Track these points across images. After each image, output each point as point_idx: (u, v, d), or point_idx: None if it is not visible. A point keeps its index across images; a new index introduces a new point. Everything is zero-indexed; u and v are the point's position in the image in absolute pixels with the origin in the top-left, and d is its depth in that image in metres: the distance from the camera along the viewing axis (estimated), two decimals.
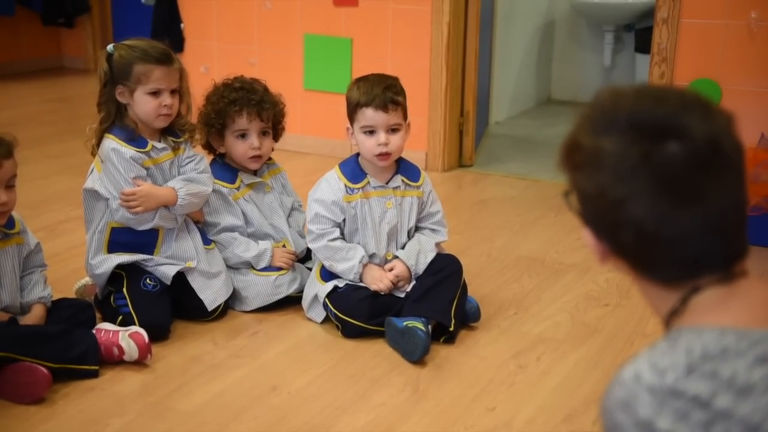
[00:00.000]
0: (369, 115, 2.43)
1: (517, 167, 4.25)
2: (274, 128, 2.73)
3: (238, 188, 2.67)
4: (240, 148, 2.65)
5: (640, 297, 2.87)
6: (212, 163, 2.68)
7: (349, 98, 2.48)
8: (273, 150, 2.75)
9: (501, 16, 4.92)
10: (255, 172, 2.72)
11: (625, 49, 5.64)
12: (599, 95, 1.06)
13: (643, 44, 4.90)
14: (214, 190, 2.60)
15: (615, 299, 2.74)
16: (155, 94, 2.41)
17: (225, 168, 2.69)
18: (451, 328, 2.39)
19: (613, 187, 1.00)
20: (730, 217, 1.00)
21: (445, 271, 2.47)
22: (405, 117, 2.49)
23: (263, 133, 2.67)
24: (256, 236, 2.67)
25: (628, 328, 2.55)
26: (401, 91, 2.48)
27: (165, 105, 2.42)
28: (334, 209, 2.47)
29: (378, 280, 2.46)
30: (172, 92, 2.44)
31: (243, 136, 2.64)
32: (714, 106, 1.01)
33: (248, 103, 2.62)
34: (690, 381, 0.92)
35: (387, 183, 2.51)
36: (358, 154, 2.52)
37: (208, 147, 2.71)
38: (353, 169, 2.50)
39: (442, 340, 2.40)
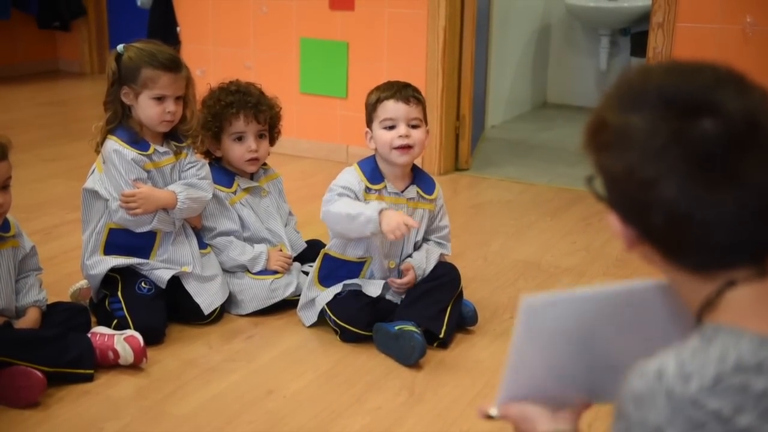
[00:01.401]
0: (390, 107, 2.40)
1: (513, 171, 4.25)
2: (271, 132, 2.73)
3: (234, 192, 2.67)
4: (237, 151, 2.64)
5: None
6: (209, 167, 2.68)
7: (368, 101, 2.46)
8: (269, 154, 2.75)
9: (497, 20, 4.93)
10: (252, 177, 2.72)
11: (620, 53, 5.65)
12: (626, 73, 1.01)
13: (639, 48, 4.91)
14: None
15: None
16: (160, 99, 2.41)
17: (222, 172, 2.68)
18: (441, 335, 2.38)
19: (643, 166, 0.94)
20: (767, 199, 0.93)
21: (442, 279, 2.46)
22: (425, 119, 2.48)
23: (260, 136, 2.67)
24: (253, 240, 2.67)
25: None
26: (421, 94, 2.48)
27: (168, 111, 2.42)
28: (353, 195, 2.40)
29: (396, 229, 2.27)
30: (177, 99, 2.44)
31: (240, 139, 2.64)
32: (749, 81, 0.96)
33: (245, 105, 2.63)
34: (714, 395, 0.87)
35: (402, 192, 2.49)
36: (375, 157, 2.49)
37: (205, 151, 2.70)
38: (372, 170, 2.47)
39: (435, 344, 2.40)
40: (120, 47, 2.44)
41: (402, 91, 2.42)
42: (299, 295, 2.59)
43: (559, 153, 4.58)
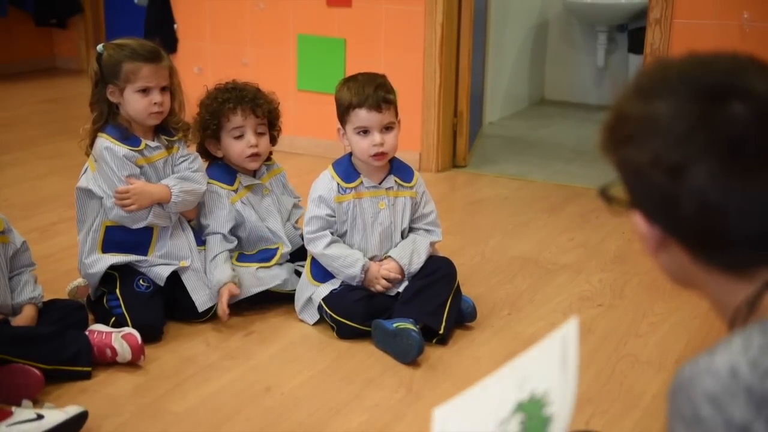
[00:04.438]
0: (363, 116, 2.42)
1: (511, 168, 4.25)
2: (271, 129, 2.71)
3: (236, 190, 2.65)
4: (237, 148, 2.62)
5: (634, 297, 2.86)
6: (211, 165, 2.67)
7: (340, 99, 2.46)
8: (271, 153, 2.74)
9: (494, 16, 4.92)
10: (254, 174, 2.71)
11: (618, 50, 5.65)
12: (644, 67, 0.97)
13: (636, 45, 4.91)
14: (210, 191, 2.59)
15: (608, 299, 2.74)
16: (144, 92, 2.41)
17: (224, 170, 2.67)
18: (441, 331, 2.38)
19: (669, 152, 0.89)
20: None
21: (437, 274, 2.46)
22: (396, 114, 2.48)
23: (259, 132, 2.64)
24: (250, 240, 2.64)
25: (621, 328, 2.55)
26: (391, 89, 2.47)
27: (155, 103, 2.42)
28: (325, 207, 2.47)
29: (375, 283, 2.47)
30: (163, 90, 2.44)
31: (240, 136, 2.61)
32: None
33: (242, 100, 2.60)
34: None
35: (380, 183, 2.50)
36: (350, 154, 2.51)
37: (204, 152, 2.68)
38: (346, 169, 2.50)
39: (434, 341, 2.40)
40: (99, 47, 2.45)
41: (373, 96, 2.41)
42: (289, 291, 2.59)
43: (556, 149, 4.59)
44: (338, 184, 2.47)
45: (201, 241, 2.60)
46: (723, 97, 0.88)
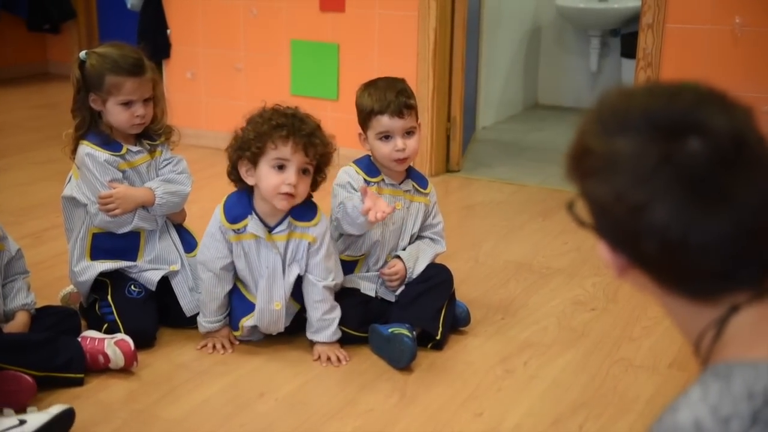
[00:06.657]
0: (385, 123, 2.42)
1: (504, 172, 4.26)
2: (317, 173, 2.34)
3: (238, 230, 2.33)
4: (273, 180, 2.25)
5: (627, 301, 2.86)
6: (235, 193, 2.38)
7: (361, 105, 2.46)
8: (311, 197, 2.39)
9: (487, 21, 4.93)
10: (271, 228, 2.34)
11: (611, 54, 5.66)
12: (606, 96, 0.98)
13: (629, 49, 4.91)
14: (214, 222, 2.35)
15: (602, 303, 2.75)
16: (127, 104, 2.40)
17: (241, 202, 2.34)
18: (438, 337, 2.38)
19: (632, 191, 0.91)
20: (762, 218, 0.90)
21: (434, 280, 2.47)
22: (417, 118, 2.49)
23: (303, 171, 2.28)
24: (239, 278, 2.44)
25: (614, 332, 2.55)
26: (412, 94, 2.48)
27: (137, 115, 2.41)
28: (353, 192, 2.42)
29: (373, 210, 2.27)
30: (146, 101, 2.42)
31: (281, 167, 2.25)
32: (731, 99, 0.94)
33: (297, 131, 2.25)
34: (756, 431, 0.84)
35: (399, 184, 2.51)
36: (369, 155, 2.51)
37: (235, 176, 2.35)
38: (368, 166, 2.50)
39: (429, 346, 2.40)
40: (82, 54, 2.42)
41: (395, 102, 2.40)
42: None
43: (550, 154, 4.59)
44: (363, 177, 2.47)
45: (191, 248, 2.57)
46: (682, 134, 0.89)
